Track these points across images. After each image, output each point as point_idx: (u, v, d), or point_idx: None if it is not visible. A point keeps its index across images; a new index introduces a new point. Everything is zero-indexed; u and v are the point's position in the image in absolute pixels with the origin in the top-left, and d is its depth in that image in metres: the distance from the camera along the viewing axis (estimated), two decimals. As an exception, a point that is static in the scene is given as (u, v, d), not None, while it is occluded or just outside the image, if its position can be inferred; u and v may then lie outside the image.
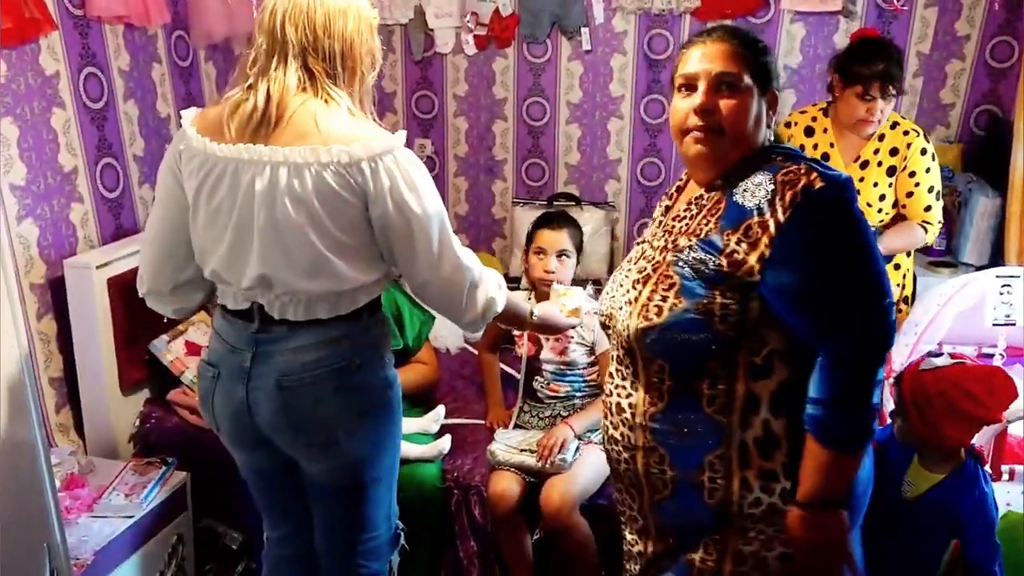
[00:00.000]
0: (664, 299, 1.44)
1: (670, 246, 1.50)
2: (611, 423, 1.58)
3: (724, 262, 1.40)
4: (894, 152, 2.69)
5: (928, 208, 2.70)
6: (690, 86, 1.49)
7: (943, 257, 3.45)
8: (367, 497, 1.84)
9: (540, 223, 2.62)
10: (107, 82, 2.81)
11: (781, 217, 1.36)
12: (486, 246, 4.15)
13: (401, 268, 1.72)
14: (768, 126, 1.51)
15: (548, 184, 4.03)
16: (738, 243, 1.39)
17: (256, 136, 1.60)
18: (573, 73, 3.87)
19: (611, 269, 3.68)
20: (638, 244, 1.64)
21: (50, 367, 2.65)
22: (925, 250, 3.19)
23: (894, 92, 2.57)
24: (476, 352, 3.22)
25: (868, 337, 1.37)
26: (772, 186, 1.38)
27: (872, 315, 1.37)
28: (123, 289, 2.62)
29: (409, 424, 2.51)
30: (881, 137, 2.70)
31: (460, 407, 2.79)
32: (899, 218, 2.77)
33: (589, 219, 3.86)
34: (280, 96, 1.60)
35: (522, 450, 2.39)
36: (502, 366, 2.87)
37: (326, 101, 1.62)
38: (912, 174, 2.69)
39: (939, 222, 2.73)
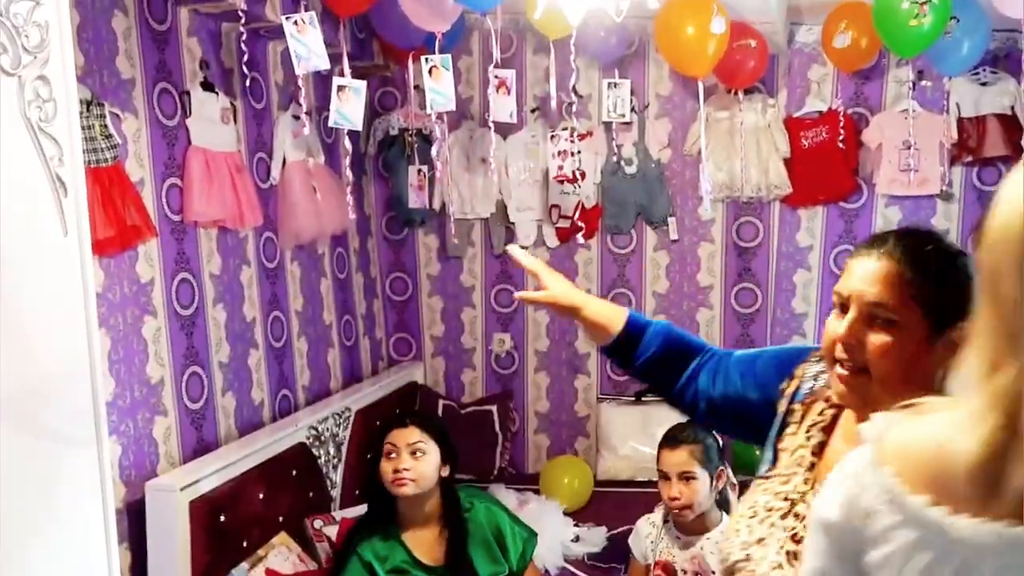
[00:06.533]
0: None
1: None
2: None
3: None
4: None
5: None
6: (844, 306, 1.17)
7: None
8: None
9: (661, 443, 2.38)
10: (198, 287, 2.69)
11: None
12: (569, 447, 3.89)
13: None
14: (943, 373, 1.08)
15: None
16: None
17: None
18: (659, 263, 3.76)
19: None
20: (766, 479, 1.26)
21: (121, 604, 2.36)
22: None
23: None
24: (576, 571, 2.95)
25: None
26: None
27: None
28: (205, 512, 2.39)
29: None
30: None
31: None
32: None
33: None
34: None
35: None
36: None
37: None
38: None
39: None
